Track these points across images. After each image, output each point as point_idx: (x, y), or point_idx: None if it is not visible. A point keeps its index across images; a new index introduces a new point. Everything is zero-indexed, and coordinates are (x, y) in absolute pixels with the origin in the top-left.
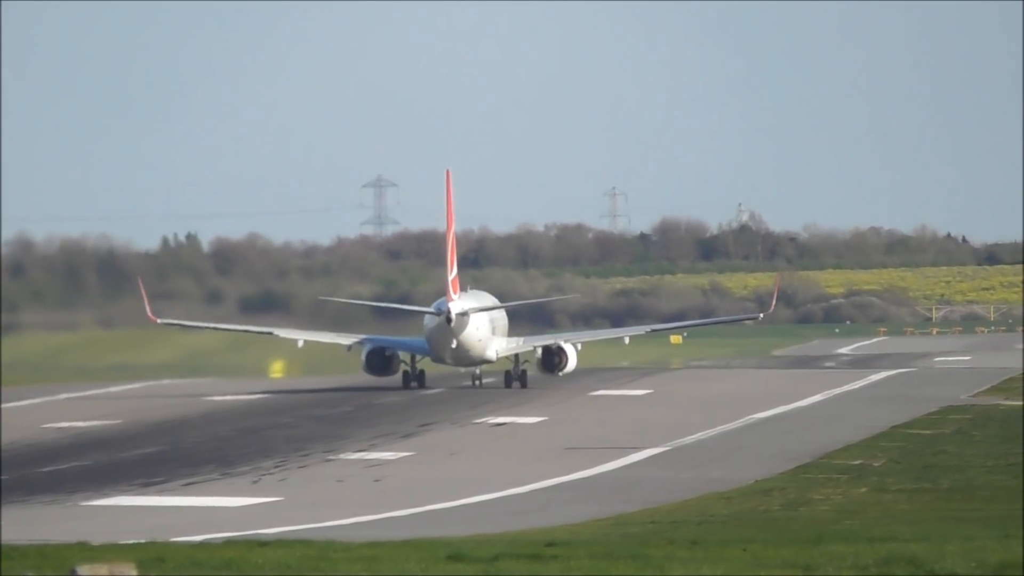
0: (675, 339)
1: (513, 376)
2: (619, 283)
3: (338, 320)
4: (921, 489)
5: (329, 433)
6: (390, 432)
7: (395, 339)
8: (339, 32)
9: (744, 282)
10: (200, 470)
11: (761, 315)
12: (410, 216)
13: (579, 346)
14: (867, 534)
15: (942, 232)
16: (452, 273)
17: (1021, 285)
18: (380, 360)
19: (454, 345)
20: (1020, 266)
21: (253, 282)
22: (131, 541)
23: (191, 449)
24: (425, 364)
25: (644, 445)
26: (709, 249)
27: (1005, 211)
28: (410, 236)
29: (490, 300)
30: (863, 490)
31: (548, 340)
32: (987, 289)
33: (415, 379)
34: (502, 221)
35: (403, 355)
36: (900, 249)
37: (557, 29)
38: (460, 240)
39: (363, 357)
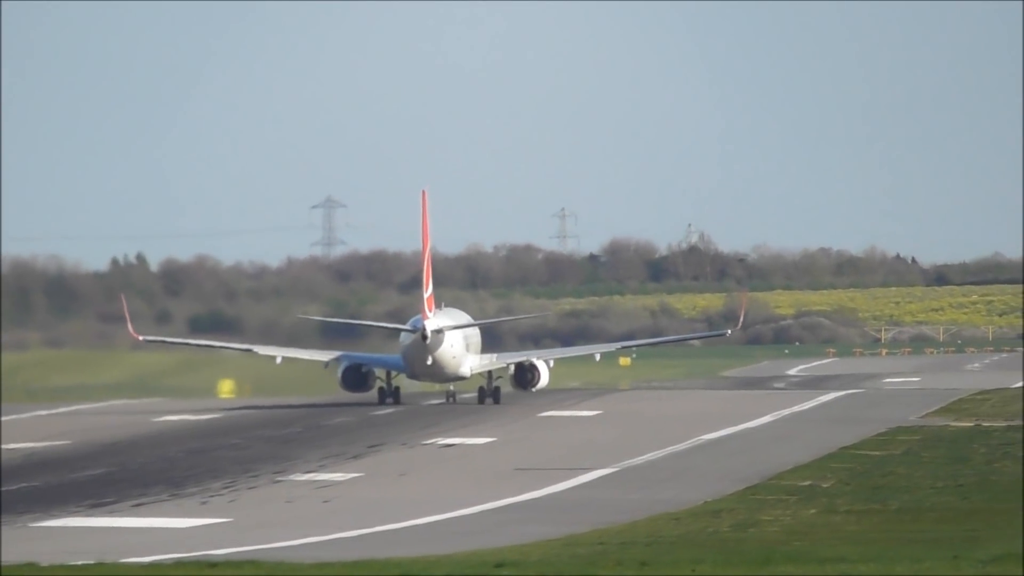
0: (624, 360)
1: (487, 392)
2: (568, 304)
3: (291, 338)
4: (870, 510)
5: (278, 454)
6: (339, 453)
7: (371, 356)
8: (287, 54)
9: (693, 303)
10: (150, 491)
11: (729, 331)
12: (359, 237)
13: (551, 363)
14: (816, 555)
15: (891, 253)
16: (428, 291)
17: (1022, 305)
18: (356, 376)
19: (429, 362)
20: (967, 287)
21: (202, 303)
22: (80, 562)
23: (141, 470)
24: (400, 381)
25: (593, 466)
26: (658, 270)
27: (954, 232)
28: (359, 257)
29: (464, 318)
30: (812, 511)
31: (521, 357)
32: (936, 310)
33: (391, 395)
34: (451, 242)
35: (379, 372)
36: (849, 270)
37: (505, 49)
38: (408, 261)
39: (339, 374)
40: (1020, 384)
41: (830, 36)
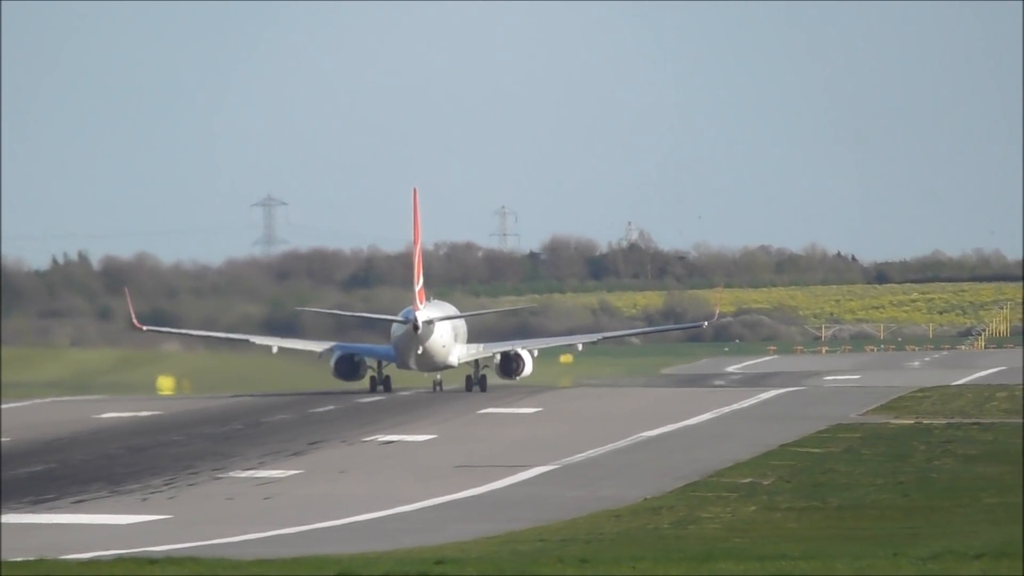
0: (565, 358)
1: (473, 381)
2: (509, 302)
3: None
4: (810, 507)
5: (218, 451)
6: (279, 450)
7: (363, 346)
8: (224, 52)
9: (633, 301)
10: (89, 488)
11: (706, 323)
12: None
13: (535, 352)
14: (756, 552)
15: (832, 251)
16: (418, 284)
17: (1022, 301)
18: (349, 366)
19: (420, 352)
20: (907, 285)
21: (144, 301)
22: (20, 559)
23: (80, 467)
24: (390, 370)
25: (533, 463)
26: (598, 268)
27: (894, 230)
28: (300, 256)
29: (451, 310)
30: (752, 508)
31: (506, 347)
32: (876, 308)
33: (381, 383)
34: (392, 240)
35: (370, 361)
36: (790, 268)
37: (443, 47)
38: (348, 259)
39: (332, 363)
40: (961, 382)
41: (767, 34)
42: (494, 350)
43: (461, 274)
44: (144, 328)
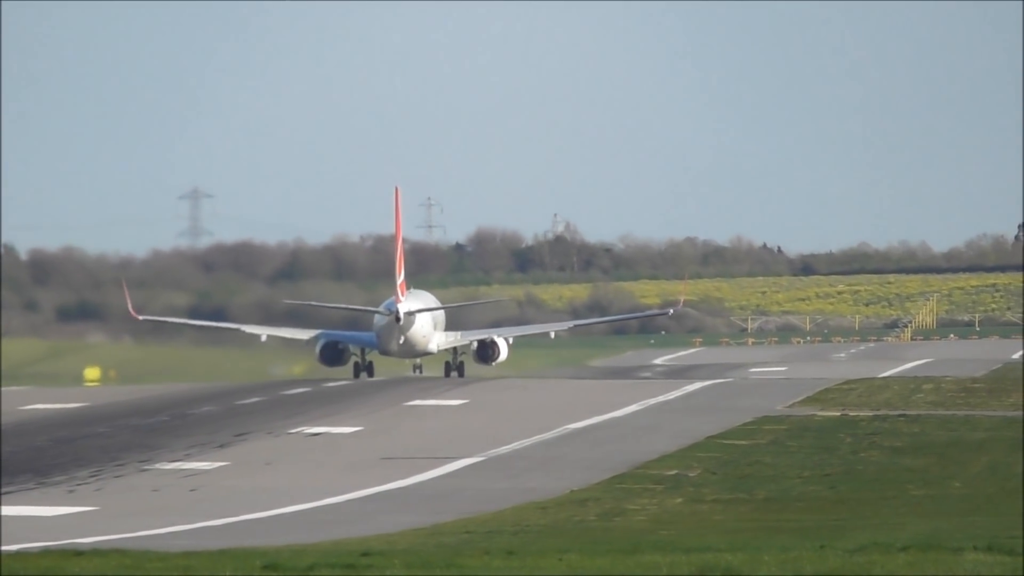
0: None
1: (452, 366)
2: (434, 294)
3: (156, 329)
4: (737, 499)
5: (144, 443)
6: (205, 442)
7: (347, 333)
8: (145, 44)
9: (559, 293)
10: (15, 480)
11: (671, 311)
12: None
13: (511, 340)
14: (683, 544)
15: (758, 243)
16: (400, 278)
17: (1022, 293)
18: (333, 352)
19: (401, 341)
20: (834, 277)
21: (70, 292)
22: None
23: (6, 459)
24: (373, 356)
25: (459, 455)
26: (524, 260)
27: (820, 221)
28: (226, 248)
29: (432, 300)
30: (679, 500)
31: (483, 335)
32: (802, 300)
33: (364, 369)
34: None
35: (354, 348)
36: (716, 260)
37: (367, 30)
38: (274, 253)
39: (317, 350)
40: (887, 374)
41: (693, 30)
42: (471, 338)
43: (387, 267)
44: (140, 318)
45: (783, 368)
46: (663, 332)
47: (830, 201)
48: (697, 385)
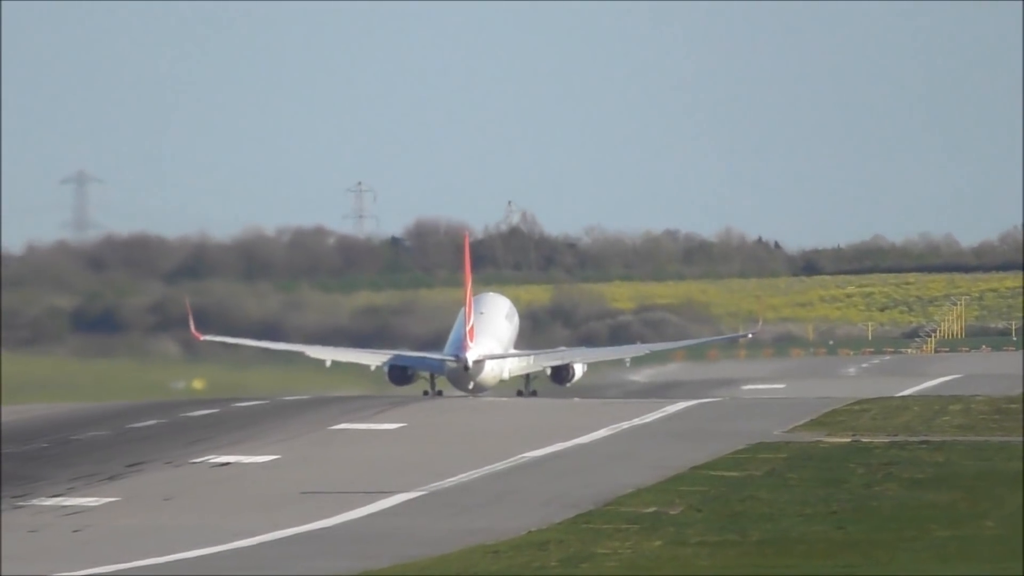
0: None
1: (524, 395)
2: (365, 298)
3: (36, 335)
4: (726, 542)
5: (20, 474)
6: (93, 473)
7: (416, 358)
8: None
9: (515, 295)
10: None
11: (751, 333)
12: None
13: (585, 367)
14: None
15: (751, 237)
16: (469, 324)
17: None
18: (401, 375)
19: (471, 386)
20: (841, 277)
21: None
22: None
23: None
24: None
25: (396, 489)
26: (473, 256)
27: (825, 212)
28: (117, 242)
29: (505, 306)
30: (657, 543)
31: (556, 360)
32: (804, 305)
33: (435, 394)
34: (225, 224)
35: (423, 372)
36: (700, 257)
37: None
38: (173, 247)
39: (386, 370)
40: (906, 392)
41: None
42: (545, 364)
43: (308, 264)
44: (202, 338)
45: (781, 385)
46: (638, 342)
47: (837, 187)
48: (679, 405)
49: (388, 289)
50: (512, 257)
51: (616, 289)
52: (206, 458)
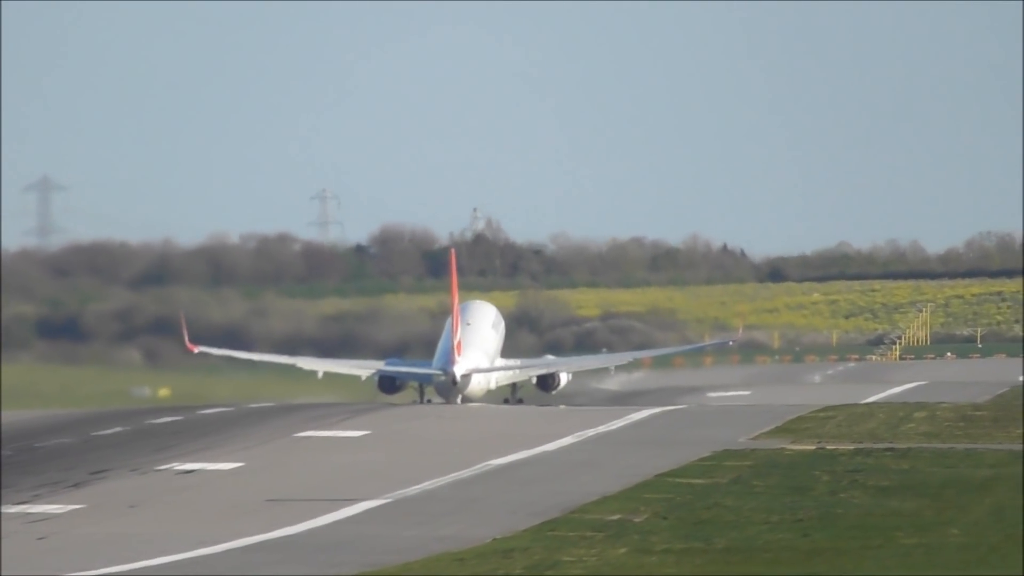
0: None
1: (511, 403)
2: (330, 305)
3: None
4: (691, 549)
5: None
6: (57, 480)
7: (404, 371)
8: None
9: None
10: None
11: (731, 341)
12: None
13: (570, 376)
14: None
15: (717, 244)
16: (457, 337)
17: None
18: (390, 385)
19: (459, 400)
20: (807, 284)
21: None
22: None
23: None
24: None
25: (360, 496)
26: (438, 264)
27: (790, 219)
28: (81, 248)
29: (491, 313)
30: (622, 550)
31: (542, 369)
32: (770, 311)
33: (423, 402)
34: (189, 231)
35: (412, 382)
36: (666, 264)
37: (256, 19)
38: (137, 252)
39: (376, 380)
40: (871, 399)
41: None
42: (531, 373)
43: (274, 271)
44: (196, 350)
45: (747, 392)
46: (604, 349)
47: (803, 194)
48: (645, 413)
49: (353, 296)
50: (477, 264)
51: (582, 296)
52: (171, 465)
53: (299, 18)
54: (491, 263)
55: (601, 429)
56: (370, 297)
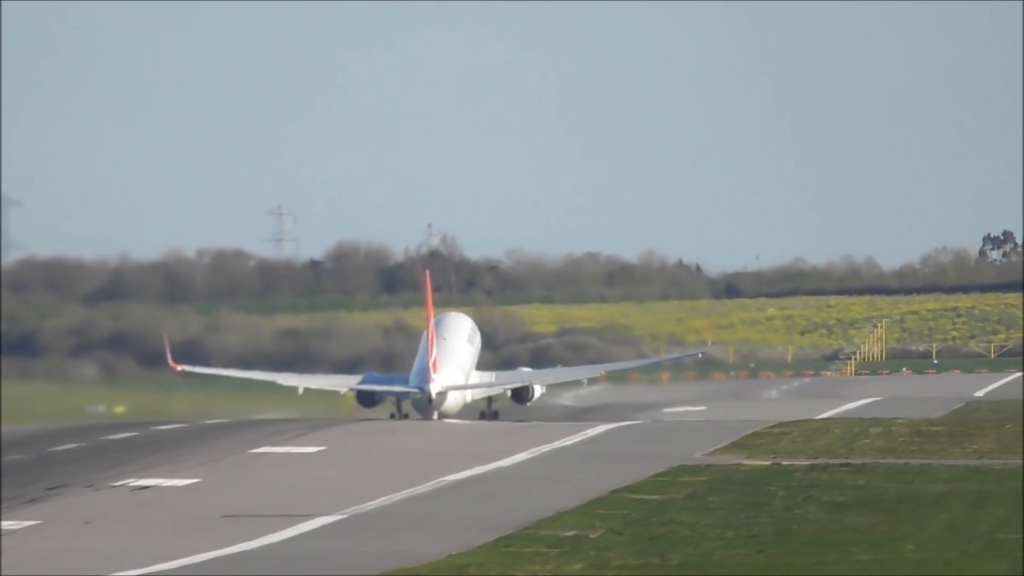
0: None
1: (487, 416)
2: (285, 321)
3: None
4: (647, 565)
5: None
6: (12, 496)
7: (382, 388)
8: None
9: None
10: None
11: (700, 353)
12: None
13: (544, 388)
14: None
15: (672, 259)
16: (432, 356)
17: None
18: (368, 399)
19: (435, 416)
20: (762, 299)
21: None
22: None
23: None
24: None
25: (316, 512)
26: (393, 280)
27: (745, 234)
28: (36, 264)
29: (466, 325)
30: (578, 566)
31: (516, 383)
32: (725, 327)
33: (401, 417)
34: (144, 246)
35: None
36: (622, 280)
37: (218, 31)
38: (92, 269)
39: (354, 396)
40: (826, 415)
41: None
42: (506, 386)
43: (228, 287)
44: (179, 368)
45: (702, 408)
46: (559, 365)
47: (758, 209)
48: (600, 428)
49: (308, 312)
50: (432, 280)
51: (537, 312)
52: (126, 481)
53: (252, 36)
54: (446, 279)
55: (556, 444)
56: (325, 312)
